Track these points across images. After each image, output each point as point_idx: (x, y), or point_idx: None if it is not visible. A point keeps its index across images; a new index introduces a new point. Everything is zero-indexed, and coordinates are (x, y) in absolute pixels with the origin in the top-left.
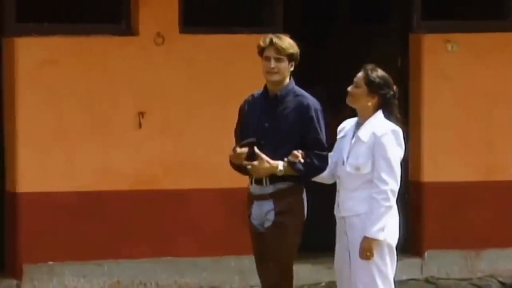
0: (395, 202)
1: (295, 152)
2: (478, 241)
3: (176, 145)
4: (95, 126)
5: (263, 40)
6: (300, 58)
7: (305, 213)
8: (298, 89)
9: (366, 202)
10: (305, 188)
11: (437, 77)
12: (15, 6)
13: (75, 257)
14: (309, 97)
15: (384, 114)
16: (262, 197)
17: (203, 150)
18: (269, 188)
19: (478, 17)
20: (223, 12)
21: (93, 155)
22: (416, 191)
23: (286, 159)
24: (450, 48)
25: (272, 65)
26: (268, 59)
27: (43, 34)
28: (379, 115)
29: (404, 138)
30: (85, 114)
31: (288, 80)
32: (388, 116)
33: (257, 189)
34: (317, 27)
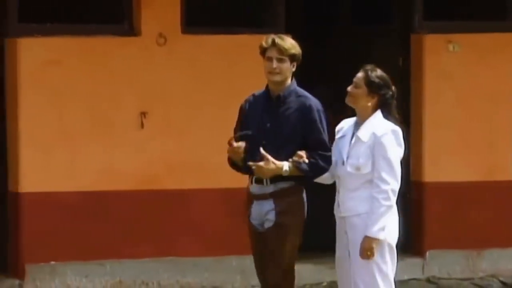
0: (395, 202)
1: (300, 153)
2: (480, 241)
3: (178, 145)
4: (97, 126)
5: (266, 41)
6: (302, 58)
7: (305, 213)
8: (300, 90)
9: (367, 202)
10: (305, 188)
11: (439, 77)
12: (18, 7)
13: (78, 257)
14: (311, 98)
15: (383, 114)
16: (262, 197)
17: (205, 150)
18: (270, 188)
19: (480, 18)
20: (225, 13)
21: (95, 155)
22: (418, 191)
23: (291, 160)
24: (452, 49)
25: (274, 66)
26: (270, 60)
27: (46, 35)
28: (378, 115)
29: (404, 138)
30: (87, 114)
31: (290, 81)
32: (387, 116)
33: (257, 189)
34: (319, 28)
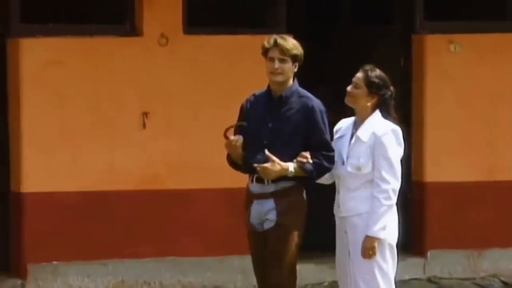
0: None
1: (304, 153)
2: (481, 241)
3: (180, 145)
4: (99, 126)
5: (268, 41)
6: (304, 59)
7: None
8: (302, 90)
9: (367, 202)
10: (305, 188)
11: (440, 78)
12: (20, 7)
13: (80, 257)
14: (314, 99)
15: (382, 114)
16: (263, 196)
17: (207, 150)
18: (271, 187)
19: (481, 18)
20: (227, 13)
21: (97, 155)
22: (419, 191)
23: (296, 160)
24: (453, 49)
25: (276, 66)
26: (272, 60)
27: (48, 35)
28: (378, 115)
29: (403, 137)
30: (90, 115)
31: (292, 81)
32: (386, 116)
33: (258, 188)
34: (321, 28)
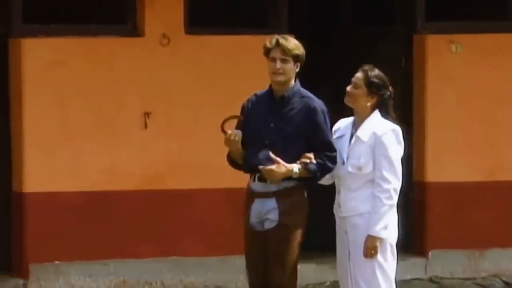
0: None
1: (307, 154)
2: (482, 241)
3: (182, 145)
4: (101, 126)
5: (269, 41)
6: (305, 59)
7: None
8: (304, 91)
9: (368, 201)
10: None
11: (441, 78)
12: (22, 7)
13: (81, 257)
14: (315, 99)
15: (381, 114)
16: (265, 195)
17: (209, 150)
18: (273, 186)
19: (482, 18)
20: (229, 13)
21: (99, 155)
22: (420, 191)
23: (299, 161)
24: (454, 49)
25: (278, 66)
26: (274, 60)
27: (50, 35)
28: (377, 115)
29: (403, 137)
30: (91, 115)
31: (294, 81)
32: (385, 115)
33: (260, 187)
34: (322, 28)
